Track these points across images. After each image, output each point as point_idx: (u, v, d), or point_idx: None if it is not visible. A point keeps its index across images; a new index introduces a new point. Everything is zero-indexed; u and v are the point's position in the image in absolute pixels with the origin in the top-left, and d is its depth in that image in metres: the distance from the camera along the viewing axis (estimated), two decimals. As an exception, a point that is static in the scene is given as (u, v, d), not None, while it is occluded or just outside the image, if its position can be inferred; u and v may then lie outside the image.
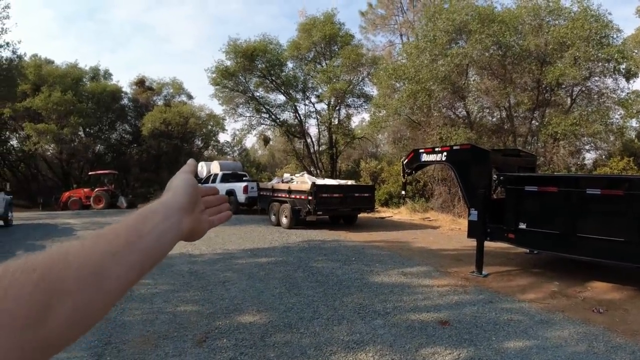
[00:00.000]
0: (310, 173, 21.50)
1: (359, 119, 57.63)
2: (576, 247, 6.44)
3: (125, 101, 32.45)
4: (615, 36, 14.50)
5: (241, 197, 18.05)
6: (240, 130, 27.01)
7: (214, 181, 20.30)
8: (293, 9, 71.25)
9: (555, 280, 6.97)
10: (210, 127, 32.55)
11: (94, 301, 0.48)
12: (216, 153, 34.96)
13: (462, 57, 14.58)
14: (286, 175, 16.53)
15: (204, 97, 74.08)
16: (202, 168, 22.92)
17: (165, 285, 6.48)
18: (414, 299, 5.87)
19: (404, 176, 9.66)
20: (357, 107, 25.67)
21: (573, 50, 13.53)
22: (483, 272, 7.31)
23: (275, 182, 15.69)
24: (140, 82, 32.92)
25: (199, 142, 33.46)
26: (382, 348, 4.15)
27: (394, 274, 7.32)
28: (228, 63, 23.58)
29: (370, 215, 16.64)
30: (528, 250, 8.79)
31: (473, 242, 7.62)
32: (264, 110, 25.57)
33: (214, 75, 23.65)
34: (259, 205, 16.27)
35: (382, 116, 18.54)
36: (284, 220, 13.48)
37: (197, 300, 5.74)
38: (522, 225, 6.99)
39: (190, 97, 34.66)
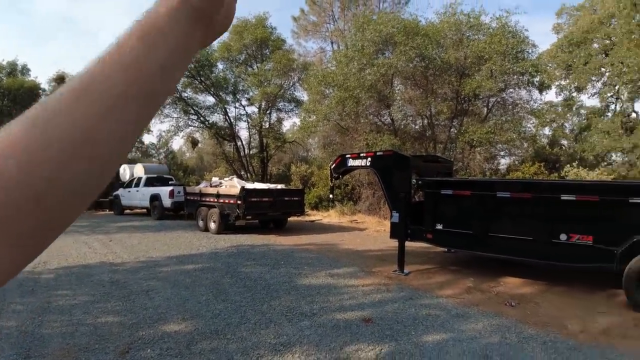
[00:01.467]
0: (240, 177, 21.27)
1: (290, 123, 57.82)
2: (489, 245, 7.09)
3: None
4: (530, 51, 16.02)
5: (167, 201, 17.45)
6: (166, 131, 26.07)
7: (137, 185, 19.42)
8: (223, 10, 69.88)
9: (470, 276, 7.57)
10: (134, 127, 31.01)
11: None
12: (140, 155, 33.41)
13: (387, 67, 15.27)
14: (215, 179, 16.24)
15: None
16: (125, 171, 21.83)
17: (85, 296, 6.17)
18: (340, 299, 6.12)
19: (331, 180, 9.98)
20: (288, 111, 25.84)
21: (490, 63, 14.70)
22: (405, 271, 7.77)
23: (203, 186, 15.38)
24: (60, 79, 30.57)
25: (122, 144, 31.75)
26: (308, 348, 4.31)
27: (322, 276, 7.54)
28: None
29: (300, 218, 16.83)
30: (446, 249, 9.44)
31: (396, 243, 8.06)
32: (192, 111, 24.87)
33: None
34: (186, 210, 15.84)
35: (312, 121, 18.88)
36: (212, 226, 13.27)
37: (119, 311, 5.54)
38: (439, 226, 7.56)
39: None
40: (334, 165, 9.49)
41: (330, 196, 12.09)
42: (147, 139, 33.34)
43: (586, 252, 6.11)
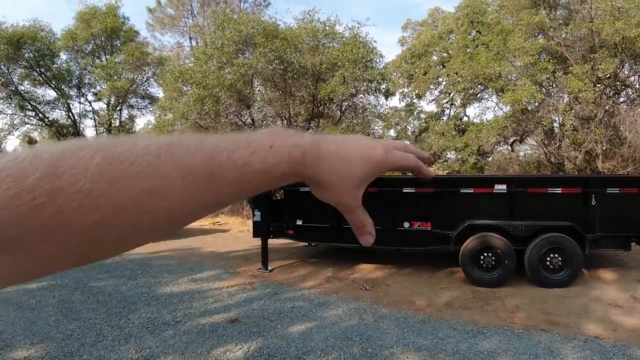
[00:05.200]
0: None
1: (144, 121, 54.02)
2: (344, 237, 7.60)
3: None
4: (378, 60, 17.49)
5: None
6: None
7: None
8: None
9: (329, 267, 8.03)
10: (-41, 126, 25.74)
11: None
12: (-34, 158, 27.78)
13: (247, 67, 15.27)
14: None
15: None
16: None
17: None
18: (204, 304, 5.95)
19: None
20: (141, 108, 23.99)
21: (343, 70, 15.67)
22: (269, 268, 7.90)
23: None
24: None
25: (-54, 146, 26.08)
26: (174, 358, 4.12)
27: (184, 282, 7.23)
28: None
29: (158, 223, 15.85)
30: (307, 244, 9.84)
31: (259, 241, 8.14)
32: (29, 107, 21.50)
33: (-32, 63, 18.85)
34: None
35: (169, 120, 17.92)
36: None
37: (-49, 342, 4.62)
38: (299, 222, 7.86)
39: None
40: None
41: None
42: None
43: (426, 236, 7.00)
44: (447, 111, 23.63)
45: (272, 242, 8.34)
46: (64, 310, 5.75)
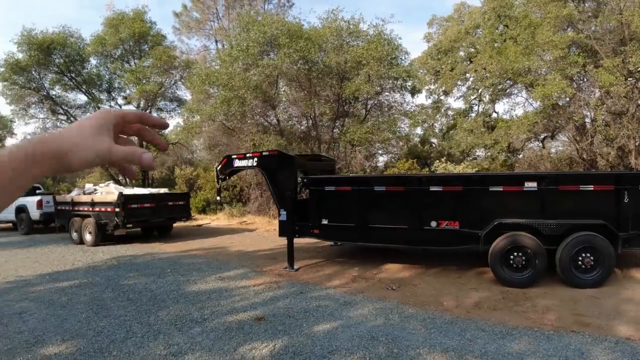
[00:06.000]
0: (117, 182, 19.69)
1: (173, 123, 55.08)
2: (370, 236, 7.57)
3: None
4: (403, 58, 17.34)
5: (35, 213, 15.45)
6: (32, 134, 23.10)
7: (-6, 196, 16.86)
8: (100, 1, 63.49)
9: (355, 266, 7.99)
10: (-6, 130, 27.00)
11: None
12: (1, 163, 29.13)
13: (272, 68, 15.37)
14: (88, 186, 14.79)
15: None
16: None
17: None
18: (231, 302, 6.02)
19: (218, 182, 9.76)
20: (169, 111, 24.55)
21: (367, 68, 15.59)
22: (294, 267, 7.94)
23: (75, 195, 13.90)
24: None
25: (-21, 149, 27.39)
26: (201, 355, 4.17)
27: (211, 280, 7.34)
28: (20, 56, 19.97)
29: (186, 223, 16.17)
30: (332, 243, 9.83)
31: (285, 241, 8.17)
32: (61, 111, 22.32)
33: (1, 69, 19.74)
34: (57, 222, 14.20)
35: (197, 121, 18.24)
36: (88, 237, 12.08)
37: (-9, 337, 4.84)
38: (325, 221, 7.86)
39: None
40: (219, 166, 9.29)
41: (218, 198, 11.81)
42: (10, 143, 29.33)
43: (454, 236, 6.86)
44: (476, 107, 23.16)
45: (298, 241, 8.37)
46: (95, 308, 5.92)
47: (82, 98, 22.84)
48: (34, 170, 0.59)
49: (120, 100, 23.57)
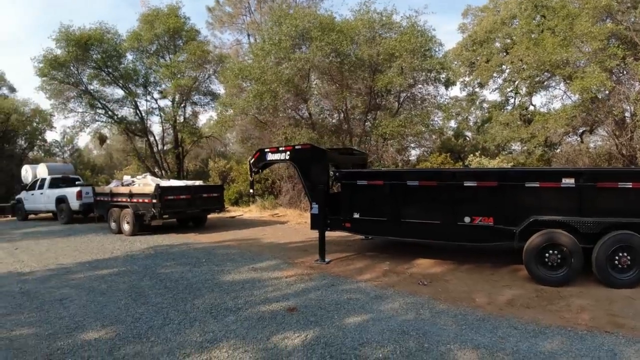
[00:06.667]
0: (154, 174, 20.32)
1: (206, 117, 56.24)
2: (402, 230, 7.56)
3: None
4: (437, 49, 17.03)
5: (74, 204, 16.17)
6: (71, 127, 24.10)
7: (40, 187, 17.75)
8: (133, -2, 65.08)
9: (387, 260, 8.01)
10: (35, 124, 28.28)
11: None
12: (43, 154, 30.59)
13: (304, 62, 15.43)
14: (126, 178, 15.35)
15: (29, 90, 62.63)
16: (27, 172, 19.85)
17: (-6, 310, 5.63)
18: (264, 292, 6.16)
19: (251, 175, 9.93)
20: (203, 104, 25.02)
21: (400, 61, 15.42)
22: (326, 260, 8.02)
23: (114, 186, 14.47)
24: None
25: (23, 142, 28.82)
26: (235, 342, 4.31)
27: (245, 271, 7.52)
28: (58, 52, 20.81)
29: (220, 215, 16.55)
30: (364, 237, 9.85)
31: (316, 233, 8.26)
32: (99, 105, 23.12)
33: (41, 65, 20.62)
34: (96, 212, 14.82)
35: (230, 115, 18.54)
36: (126, 227, 12.57)
37: (34, 322, 5.14)
38: (356, 215, 7.89)
39: (12, 89, 29.79)
40: (252, 159, 9.45)
41: (251, 191, 12.03)
42: (50, 136, 30.73)
43: (488, 232, 6.76)
44: (512, 100, 22.54)
45: (329, 234, 8.45)
46: (134, 295, 6.18)
47: (119, 92, 23.60)
48: None
49: (156, 95, 24.21)
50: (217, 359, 3.95)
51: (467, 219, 6.89)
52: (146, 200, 12.12)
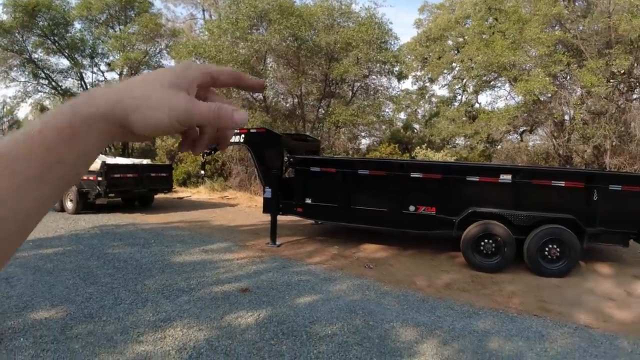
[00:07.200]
0: (99, 150, 19.46)
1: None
2: (351, 217, 7.91)
3: None
4: (393, 42, 17.51)
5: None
6: (12, 98, 22.62)
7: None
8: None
9: (335, 244, 8.34)
10: (-29, 93, 26.10)
11: None
12: (-22, 126, 28.29)
13: (261, 43, 15.32)
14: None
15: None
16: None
17: None
18: (216, 273, 6.27)
19: (203, 156, 9.86)
20: (153, 80, 24.10)
21: (357, 51, 15.68)
22: (277, 243, 8.22)
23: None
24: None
25: (-44, 113, 26.53)
26: (189, 321, 4.42)
27: (196, 252, 7.55)
28: (4, 17, 19.32)
29: (167, 195, 16.19)
30: (314, 221, 10.12)
31: (268, 217, 8.43)
32: (43, 75, 21.73)
33: (-16, 31, 19.08)
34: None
35: (181, 93, 18.01)
36: (69, 205, 12.06)
37: (-22, 302, 4.96)
38: (308, 200, 8.14)
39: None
40: (206, 140, 9.36)
41: (202, 172, 11.92)
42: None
43: (430, 220, 7.24)
44: (459, 97, 23.60)
45: (281, 218, 8.63)
46: (82, 275, 6.07)
47: (64, 62, 22.31)
48: (78, 145, 0.42)
49: (103, 67, 23.06)
50: (171, 338, 4.05)
51: (412, 208, 7.33)
52: (91, 178, 11.67)
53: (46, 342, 3.92)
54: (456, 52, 21.92)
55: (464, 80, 21.78)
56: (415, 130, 25.01)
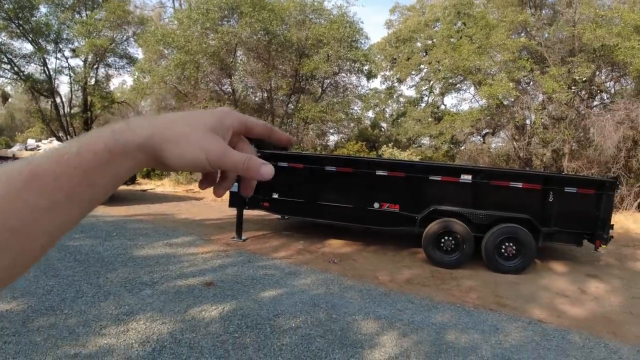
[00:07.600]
0: (58, 139, 18.81)
1: (120, 80, 52.52)
2: (317, 212, 8.04)
3: None
4: (363, 41, 17.72)
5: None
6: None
7: None
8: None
9: (301, 239, 8.43)
10: None
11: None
12: None
13: (232, 36, 15.16)
14: (30, 142, 14.09)
15: None
16: None
17: None
18: (180, 267, 6.24)
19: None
20: (118, 68, 23.26)
21: (327, 48, 15.78)
22: (242, 237, 8.24)
23: (17, 150, 13.22)
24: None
25: None
26: (152, 315, 4.41)
27: (159, 246, 7.47)
28: None
29: (130, 187, 15.84)
30: (281, 216, 10.18)
31: (234, 211, 8.43)
32: (5, 60, 20.66)
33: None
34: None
35: (147, 83, 17.66)
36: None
37: None
38: (275, 195, 8.20)
39: None
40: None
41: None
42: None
43: (394, 217, 7.45)
44: (426, 98, 24.14)
45: (247, 213, 8.66)
46: (43, 267, 5.90)
47: (28, 47, 21.26)
48: (113, 170, 0.44)
49: (67, 53, 22.16)
50: (134, 331, 4.05)
51: (376, 205, 7.52)
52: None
53: (7, 334, 3.84)
54: (424, 54, 22.40)
55: (431, 82, 22.32)
56: (383, 129, 25.40)
